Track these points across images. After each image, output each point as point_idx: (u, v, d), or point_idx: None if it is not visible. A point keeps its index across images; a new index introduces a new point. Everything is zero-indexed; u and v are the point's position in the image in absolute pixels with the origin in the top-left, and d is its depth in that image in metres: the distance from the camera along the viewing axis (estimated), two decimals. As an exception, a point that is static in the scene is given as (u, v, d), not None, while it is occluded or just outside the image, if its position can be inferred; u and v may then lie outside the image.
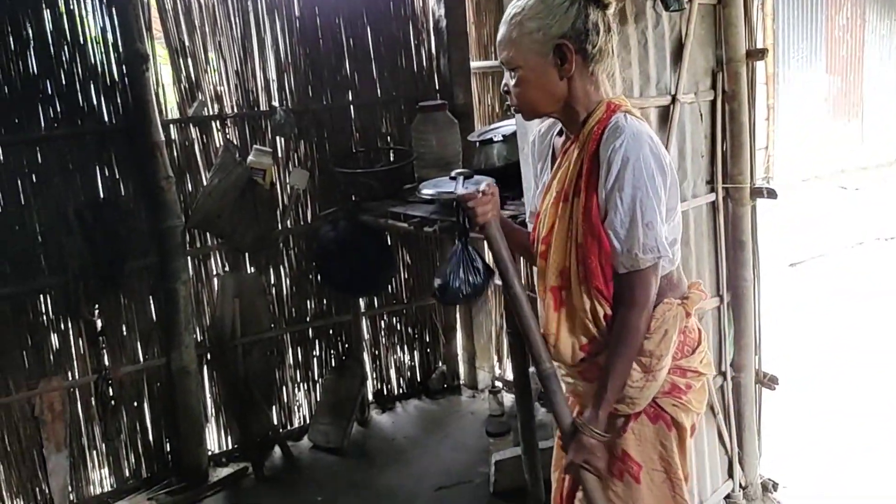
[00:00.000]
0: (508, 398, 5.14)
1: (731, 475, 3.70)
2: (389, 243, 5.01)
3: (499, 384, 5.25)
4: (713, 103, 3.44)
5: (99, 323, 4.31)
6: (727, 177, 3.51)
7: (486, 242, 2.25)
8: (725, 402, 3.63)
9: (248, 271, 4.79)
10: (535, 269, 2.27)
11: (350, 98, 4.94)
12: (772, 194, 3.53)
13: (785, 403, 4.19)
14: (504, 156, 4.00)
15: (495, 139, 4.03)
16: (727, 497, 3.69)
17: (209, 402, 4.76)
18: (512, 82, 2.10)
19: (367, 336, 5.24)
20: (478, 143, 4.17)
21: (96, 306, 4.28)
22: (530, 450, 3.81)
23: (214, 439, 4.82)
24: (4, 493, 4.15)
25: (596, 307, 2.06)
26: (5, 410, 4.09)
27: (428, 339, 5.49)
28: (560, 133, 2.24)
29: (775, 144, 11.53)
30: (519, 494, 3.94)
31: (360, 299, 5.09)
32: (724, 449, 3.65)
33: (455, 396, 5.42)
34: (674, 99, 3.17)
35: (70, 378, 4.26)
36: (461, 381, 5.56)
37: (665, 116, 3.19)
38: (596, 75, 2.08)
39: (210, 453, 4.69)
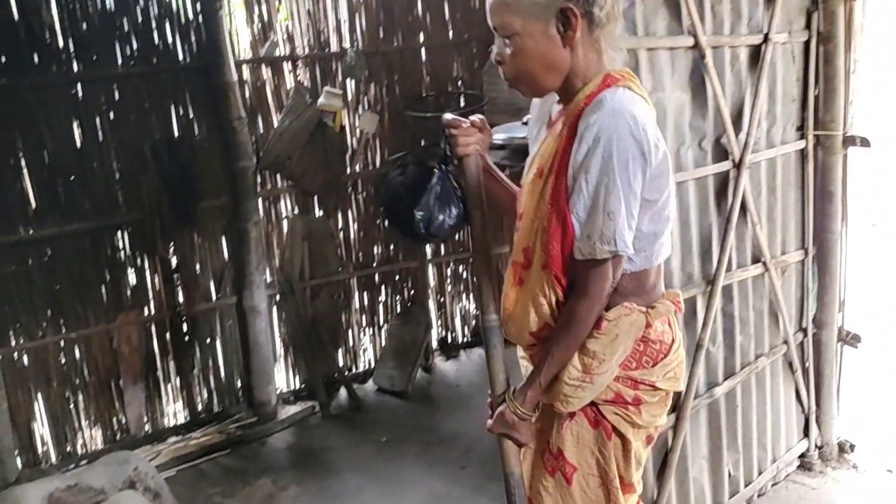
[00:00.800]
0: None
1: (806, 434, 3.59)
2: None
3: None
4: (807, 44, 3.26)
5: (174, 260, 4.40)
6: (818, 123, 3.33)
7: (462, 176, 2.11)
8: (805, 359, 3.51)
9: (317, 215, 4.81)
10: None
11: (421, 40, 4.86)
12: (865, 143, 3.34)
13: (866, 363, 4.02)
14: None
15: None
16: (801, 456, 3.59)
17: (278, 341, 4.85)
18: (507, 52, 1.85)
19: (432, 283, 5.24)
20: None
21: (171, 244, 4.37)
22: (598, 400, 3.77)
23: (283, 378, 4.92)
24: (83, 421, 4.33)
25: (550, 294, 1.92)
26: (85, 342, 4.24)
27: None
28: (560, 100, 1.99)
29: (856, 98, 10.97)
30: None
31: (427, 246, 5.07)
32: (801, 407, 3.54)
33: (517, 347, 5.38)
34: (766, 38, 3.00)
35: (146, 313, 4.38)
36: (526, 331, 5.51)
37: (756, 57, 3.03)
38: (600, 42, 1.86)
39: (278, 391, 4.79)
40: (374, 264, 5.03)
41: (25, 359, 4.10)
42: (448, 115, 2.11)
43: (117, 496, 3.40)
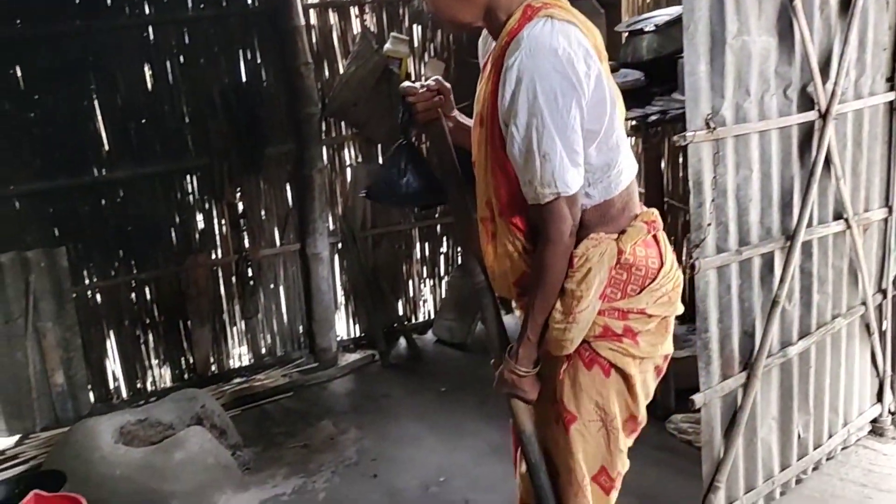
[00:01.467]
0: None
1: (880, 399, 3.46)
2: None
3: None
4: (901, -10, 3.04)
5: (240, 206, 4.46)
6: (910, 74, 3.13)
7: (431, 143, 2.03)
8: (882, 321, 3.36)
9: (380, 163, 4.80)
10: None
11: (490, -14, 4.73)
12: (959, 96, 3.13)
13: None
14: (654, 48, 3.72)
15: (646, 29, 3.75)
16: (874, 421, 3.47)
17: (339, 289, 4.90)
18: None
19: (493, 235, 5.19)
20: (626, 35, 3.91)
21: (238, 189, 4.42)
22: (662, 357, 3.70)
23: (343, 326, 4.98)
24: (153, 360, 4.47)
25: (515, 241, 1.90)
26: (155, 283, 4.35)
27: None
28: None
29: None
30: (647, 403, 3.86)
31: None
32: (876, 371, 3.41)
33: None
34: (859, -19, 2.81)
35: (213, 257, 4.46)
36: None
37: (847, 2, 2.85)
38: None
39: (339, 339, 4.85)
40: (436, 215, 5.01)
41: (98, 297, 4.23)
42: (404, 84, 2.08)
43: (185, 431, 3.50)
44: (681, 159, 4.74)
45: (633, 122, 3.46)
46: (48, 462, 3.50)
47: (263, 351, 4.75)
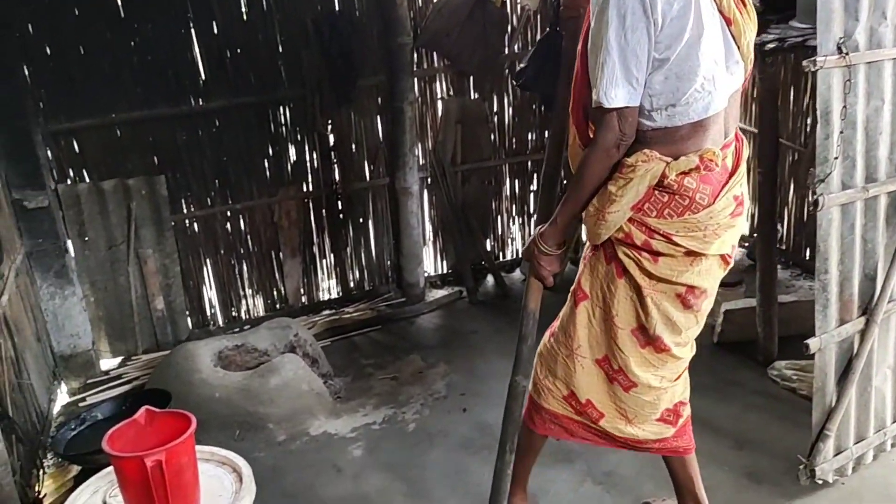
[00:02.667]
0: (738, 251, 4.81)
1: None
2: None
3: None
4: None
5: (331, 138, 4.44)
6: None
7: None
8: None
9: (472, 97, 4.68)
10: None
11: None
12: None
13: None
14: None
15: (765, -50, 3.47)
16: None
17: (427, 225, 4.86)
18: None
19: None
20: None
21: (329, 121, 4.39)
22: (767, 302, 3.54)
23: (431, 262, 4.96)
24: (247, 289, 4.56)
25: (571, 134, 2.13)
26: (249, 214, 4.41)
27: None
28: None
29: None
30: (745, 348, 3.71)
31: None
32: None
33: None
34: None
35: (305, 189, 4.48)
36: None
37: None
38: None
39: (426, 275, 4.84)
40: (528, 151, 4.88)
41: (196, 226, 4.32)
42: None
43: (280, 358, 3.57)
44: (792, 94, 4.45)
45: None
46: (151, 382, 3.64)
47: (352, 284, 4.79)
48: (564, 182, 4.12)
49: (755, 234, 4.71)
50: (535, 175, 4.96)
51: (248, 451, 3.33)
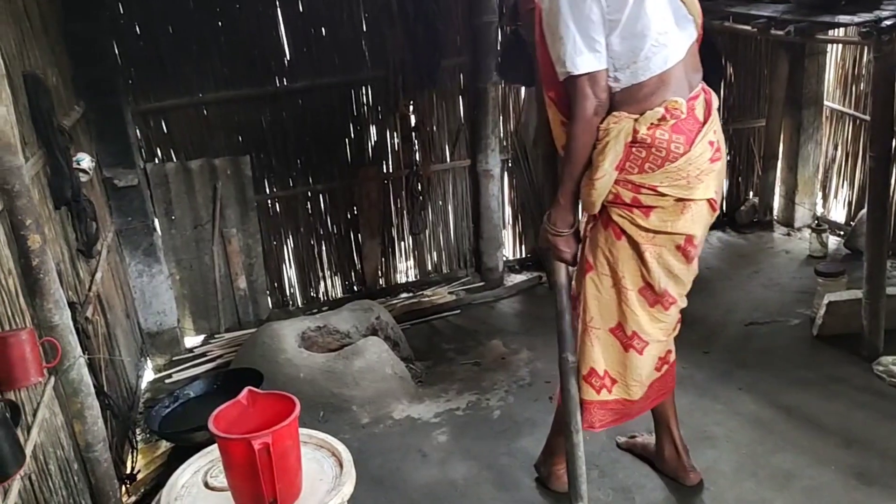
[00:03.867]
0: (833, 240, 4.59)
1: None
2: (720, 50, 4.45)
3: (822, 223, 4.66)
4: None
5: (413, 119, 4.37)
6: None
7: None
8: None
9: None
10: None
11: None
12: None
13: None
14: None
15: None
16: None
17: (507, 208, 4.77)
18: None
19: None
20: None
21: (411, 102, 4.32)
22: (875, 294, 3.34)
23: (510, 246, 4.87)
24: (326, 270, 4.55)
25: (555, 112, 2.23)
26: (330, 195, 4.39)
27: (741, 167, 4.99)
28: None
29: None
30: (848, 341, 3.51)
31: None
32: None
33: (766, 232, 4.94)
34: None
35: (385, 171, 4.43)
36: (774, 217, 5.03)
37: None
38: None
39: (505, 259, 4.75)
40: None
41: (277, 206, 4.32)
42: None
43: (364, 340, 3.54)
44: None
45: (864, 29, 3.02)
46: (236, 361, 3.66)
47: (430, 267, 4.74)
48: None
49: (852, 223, 4.48)
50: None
51: (333, 432, 3.24)
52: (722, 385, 3.38)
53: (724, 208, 5.02)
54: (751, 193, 5.05)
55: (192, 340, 4.30)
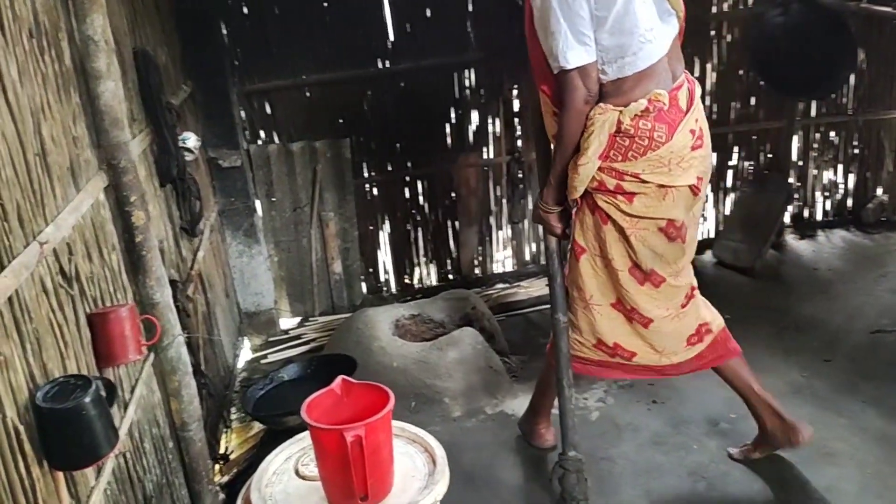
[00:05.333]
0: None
1: None
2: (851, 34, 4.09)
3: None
4: None
5: (516, 104, 4.23)
6: None
7: None
8: None
9: (670, 62, 4.30)
10: None
11: None
12: None
13: None
14: None
15: None
16: None
17: (611, 199, 4.56)
18: None
19: (796, 149, 4.52)
20: None
21: (515, 86, 4.18)
22: None
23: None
24: (421, 257, 4.48)
25: (546, 103, 2.36)
26: (428, 180, 4.31)
27: (870, 161, 4.60)
28: None
29: None
30: None
31: (799, 103, 4.34)
32: None
33: (894, 233, 4.54)
34: None
35: (485, 157, 4.31)
36: (906, 216, 4.65)
37: None
38: None
39: (606, 252, 4.55)
40: (729, 122, 4.44)
41: (375, 191, 4.28)
42: None
43: (459, 331, 3.44)
44: None
45: None
46: (330, 345, 3.63)
47: (528, 258, 4.59)
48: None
49: None
50: (737, 148, 4.52)
51: (424, 424, 3.20)
52: (845, 397, 3.10)
53: (850, 204, 4.66)
54: (879, 190, 4.65)
55: (287, 322, 4.32)
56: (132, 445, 2.04)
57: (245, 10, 3.81)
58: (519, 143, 4.31)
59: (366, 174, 4.22)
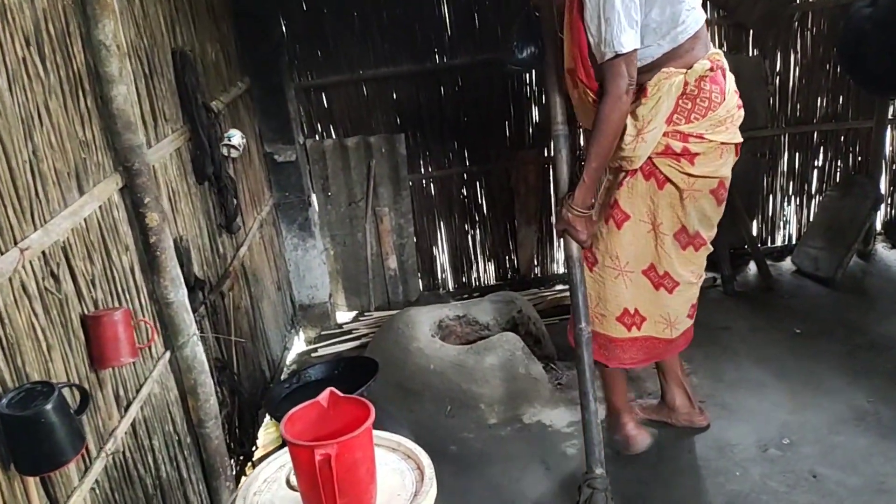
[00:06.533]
0: None
1: None
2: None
3: None
4: None
5: (578, 99, 4.06)
6: None
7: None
8: None
9: (751, 53, 4.01)
10: None
11: None
12: None
13: None
14: None
15: None
16: None
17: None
18: None
19: (888, 150, 4.13)
20: None
21: (578, 81, 4.01)
22: None
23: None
24: (479, 255, 4.40)
25: (584, 95, 2.33)
26: (486, 177, 4.22)
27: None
28: None
29: None
30: None
31: (892, 101, 3.95)
32: None
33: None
34: None
35: (545, 154, 4.16)
36: None
37: None
38: None
39: (673, 256, 4.32)
40: (815, 120, 4.11)
41: (432, 187, 4.22)
42: None
43: (499, 336, 3.34)
44: None
45: None
46: (372, 344, 3.62)
47: (590, 259, 4.42)
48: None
49: None
50: (822, 148, 4.18)
51: (458, 430, 3.18)
52: (914, 429, 2.81)
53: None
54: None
55: (343, 316, 4.35)
56: (134, 444, 2.08)
57: (304, 5, 3.83)
58: (580, 140, 4.14)
59: (422, 170, 4.17)
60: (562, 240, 2.51)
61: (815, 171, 4.23)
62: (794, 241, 4.34)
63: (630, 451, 2.83)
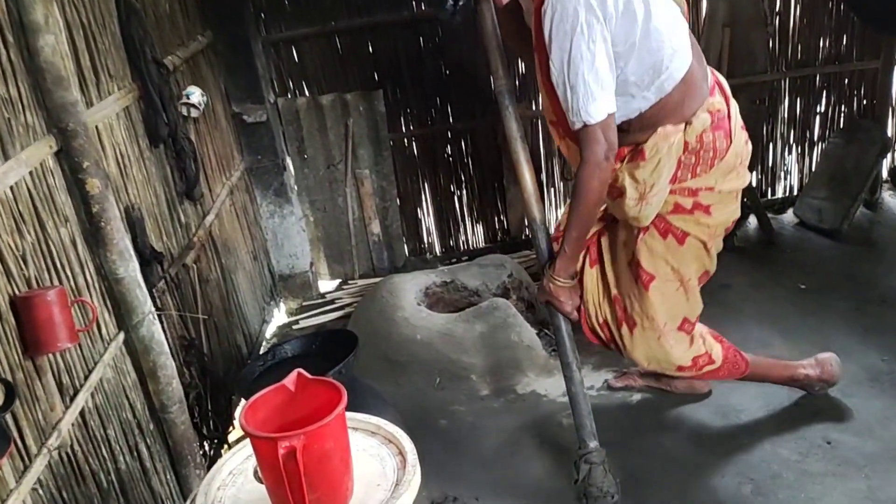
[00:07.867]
0: None
1: None
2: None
3: None
4: None
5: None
6: None
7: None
8: None
9: (748, -6, 3.77)
10: None
11: None
12: None
13: None
14: None
15: None
16: None
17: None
18: None
19: (895, 93, 3.92)
20: None
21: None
22: None
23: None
24: (467, 217, 4.18)
25: (570, 146, 2.22)
26: (471, 135, 3.98)
27: None
28: None
29: None
30: None
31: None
32: None
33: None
34: None
35: (534, 108, 3.93)
36: None
37: None
38: None
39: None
40: (817, 62, 3.88)
41: (414, 146, 3.99)
42: None
43: (490, 302, 3.15)
44: None
45: None
46: (355, 314, 3.42)
47: (582, 217, 4.21)
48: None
49: None
50: (825, 92, 3.96)
51: (448, 402, 3.00)
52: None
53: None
54: None
55: (327, 285, 4.14)
56: (84, 436, 1.88)
57: (268, -49, 3.55)
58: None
59: (403, 128, 3.93)
60: (547, 309, 2.39)
61: (818, 117, 4.02)
62: (795, 192, 4.15)
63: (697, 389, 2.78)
